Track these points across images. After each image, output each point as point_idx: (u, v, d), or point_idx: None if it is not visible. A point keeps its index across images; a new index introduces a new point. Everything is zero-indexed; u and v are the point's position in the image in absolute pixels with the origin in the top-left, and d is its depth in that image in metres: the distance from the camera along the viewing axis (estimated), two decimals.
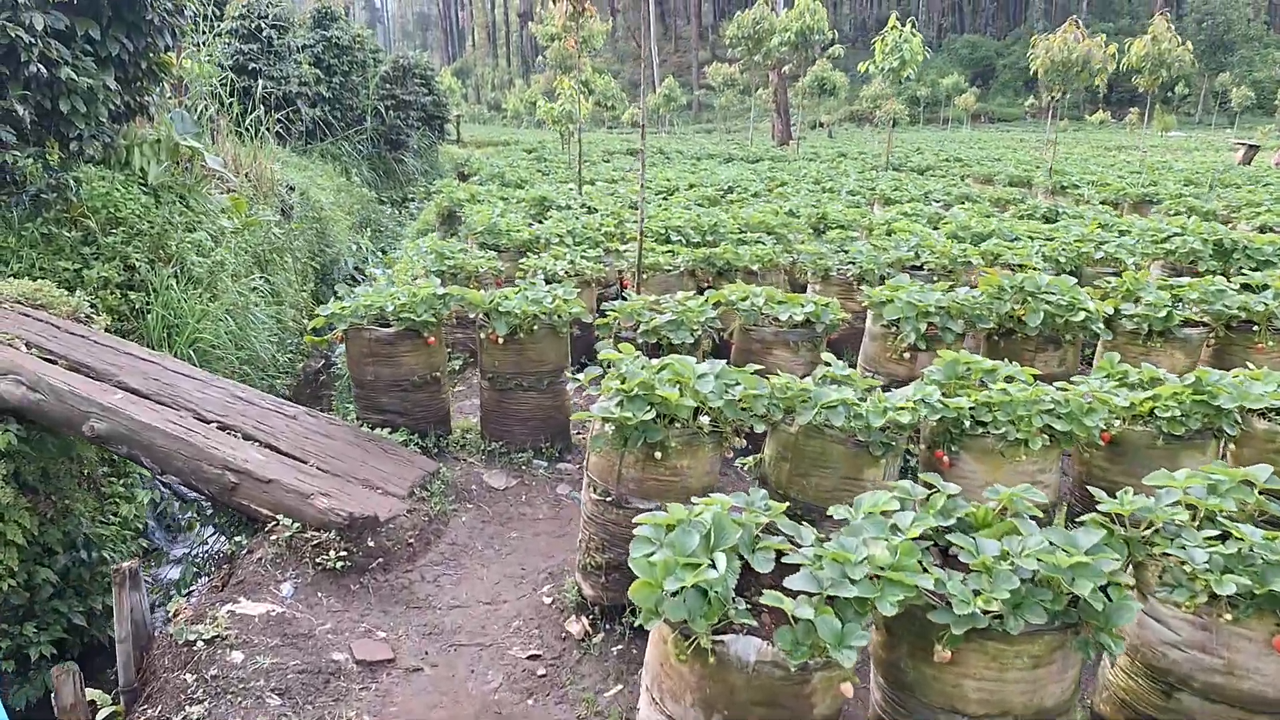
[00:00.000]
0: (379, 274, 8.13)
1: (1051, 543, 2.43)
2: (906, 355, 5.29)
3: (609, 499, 3.66)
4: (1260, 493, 2.85)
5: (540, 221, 10.34)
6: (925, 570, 2.33)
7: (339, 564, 4.11)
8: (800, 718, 2.31)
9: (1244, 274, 6.27)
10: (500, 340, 5.18)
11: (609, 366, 3.86)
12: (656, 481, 3.59)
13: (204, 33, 15.40)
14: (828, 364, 4.12)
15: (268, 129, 11.44)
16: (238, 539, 4.68)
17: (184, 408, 4.98)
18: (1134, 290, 5.87)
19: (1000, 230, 8.67)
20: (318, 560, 4.11)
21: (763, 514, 2.67)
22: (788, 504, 2.83)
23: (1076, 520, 2.84)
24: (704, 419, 3.60)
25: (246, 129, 11.25)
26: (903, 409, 3.68)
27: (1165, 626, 2.65)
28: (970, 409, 3.79)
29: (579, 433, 5.77)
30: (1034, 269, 7.26)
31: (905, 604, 2.27)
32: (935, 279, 7.10)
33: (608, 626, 3.80)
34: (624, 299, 5.55)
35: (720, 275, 7.26)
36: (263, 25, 15.55)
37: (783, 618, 2.29)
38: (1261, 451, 3.88)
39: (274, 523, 4.25)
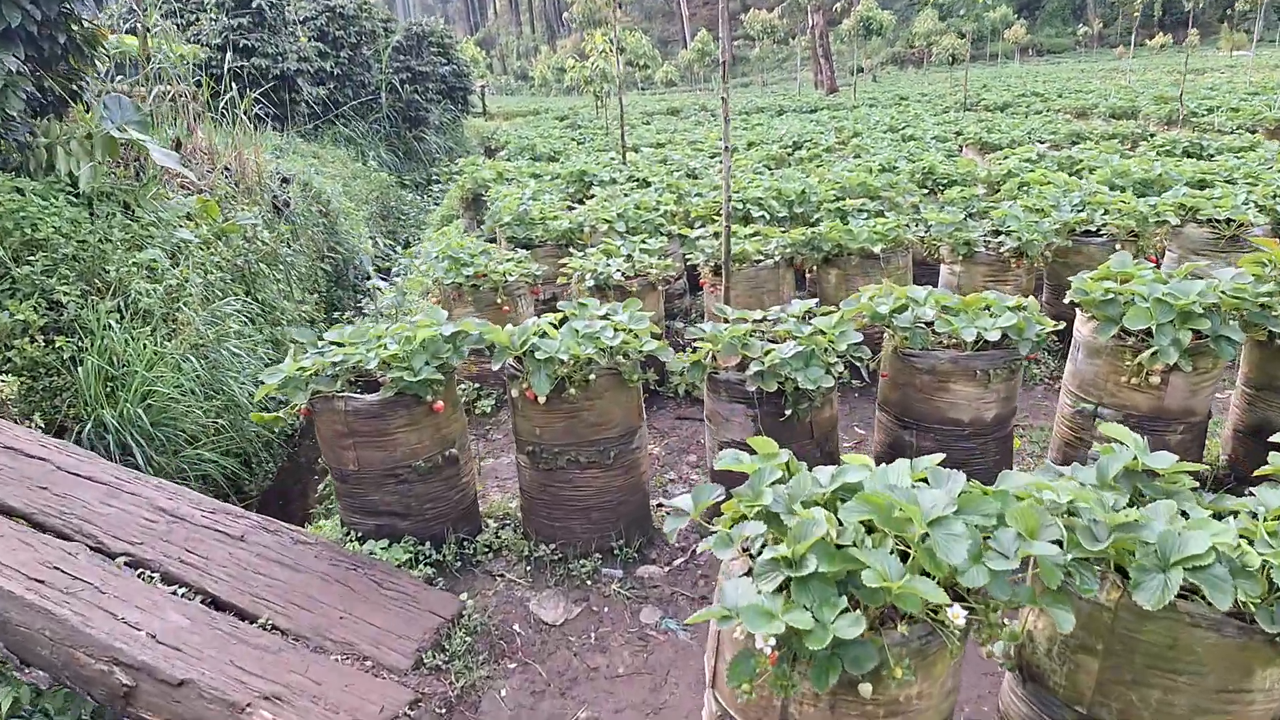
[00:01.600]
0: (383, 286, 6.40)
1: None
2: (1156, 379, 3.42)
3: None
4: None
5: (581, 201, 8.53)
6: None
7: None
8: None
9: None
10: (542, 399, 3.42)
11: (723, 493, 2.09)
12: None
13: (187, 8, 13.73)
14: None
15: (249, 112, 9.73)
16: None
17: (79, 533, 3.32)
18: None
19: (1168, 174, 6.65)
20: None
21: None
22: None
23: None
24: (942, 598, 1.80)
25: (223, 113, 9.55)
26: None
27: None
28: None
29: (663, 509, 4.03)
30: (1250, 223, 5.30)
31: None
32: (1118, 246, 5.18)
33: None
34: (702, 312, 3.75)
35: (828, 262, 5.40)
36: None
37: None
38: None
39: None
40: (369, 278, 10.76)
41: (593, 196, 8.49)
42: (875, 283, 5.29)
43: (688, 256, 5.75)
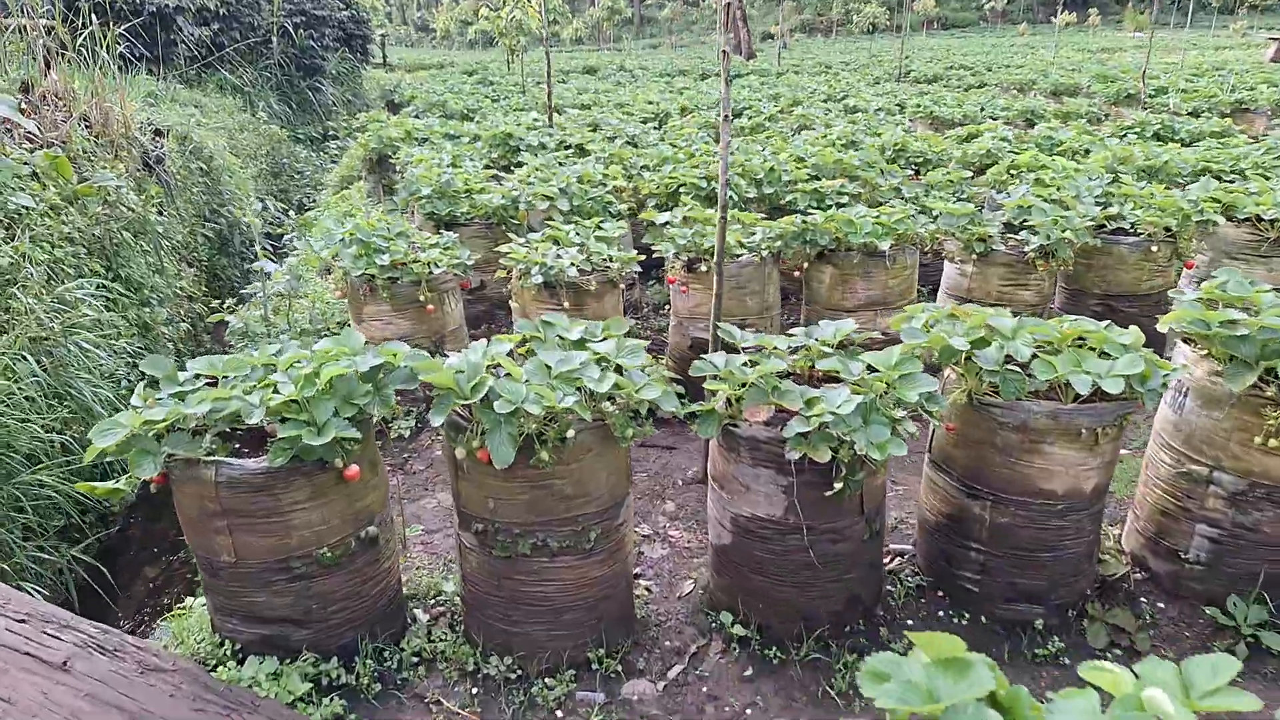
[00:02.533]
0: (272, 268, 5.23)
1: None
2: None
3: None
4: None
5: (507, 169, 7.44)
6: None
7: None
8: None
9: None
10: (503, 467, 2.44)
11: None
12: None
13: None
14: None
15: (112, 50, 8.19)
16: None
17: None
18: None
19: (1174, 163, 6.04)
20: None
21: None
22: None
23: None
24: None
25: (82, 52, 7.97)
26: None
27: None
28: None
29: (649, 604, 3.11)
30: None
31: None
32: (1153, 248, 4.50)
33: None
34: (657, 307, 2.85)
35: (822, 258, 4.54)
36: None
37: None
38: None
39: None
40: (254, 244, 9.33)
41: (520, 164, 7.41)
42: (877, 284, 4.46)
43: (652, 245, 4.78)
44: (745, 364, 2.73)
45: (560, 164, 6.70)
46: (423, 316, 4.41)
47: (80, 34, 8.08)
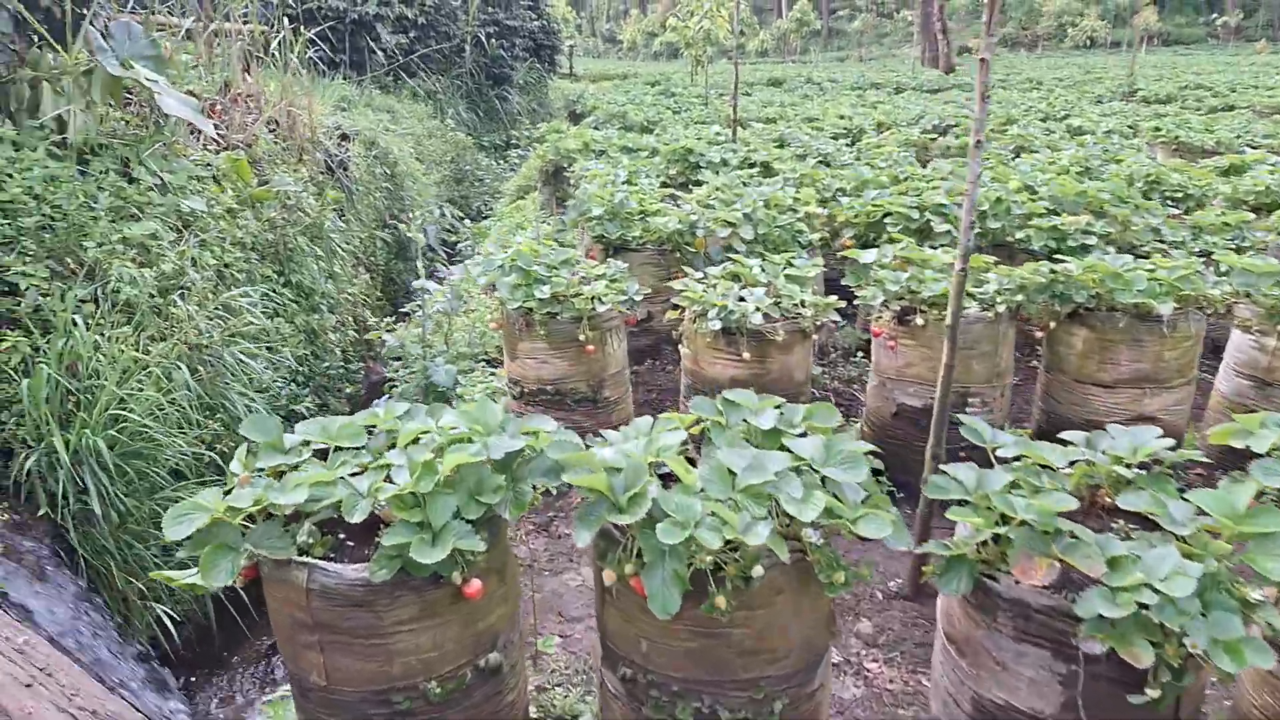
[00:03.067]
0: (433, 287, 4.85)
1: None
2: None
3: None
4: None
5: (684, 187, 6.84)
6: None
7: None
8: None
9: None
10: (665, 617, 1.79)
11: None
12: None
13: None
14: None
15: (302, 56, 8.24)
16: None
17: None
18: None
19: None
20: None
21: None
22: None
23: None
24: None
25: (275, 56, 8.05)
26: None
27: None
28: None
29: None
30: None
31: None
32: None
33: None
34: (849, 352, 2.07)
35: (1074, 318, 3.62)
36: None
37: None
38: None
39: None
40: (429, 250, 9.15)
41: (699, 182, 6.79)
42: (1147, 356, 3.51)
43: (853, 288, 4.01)
44: (1009, 487, 1.95)
45: (744, 184, 6.03)
46: (581, 356, 3.86)
47: (283, 40, 8.16)
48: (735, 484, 1.93)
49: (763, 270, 3.86)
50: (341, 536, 2.12)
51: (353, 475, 2.06)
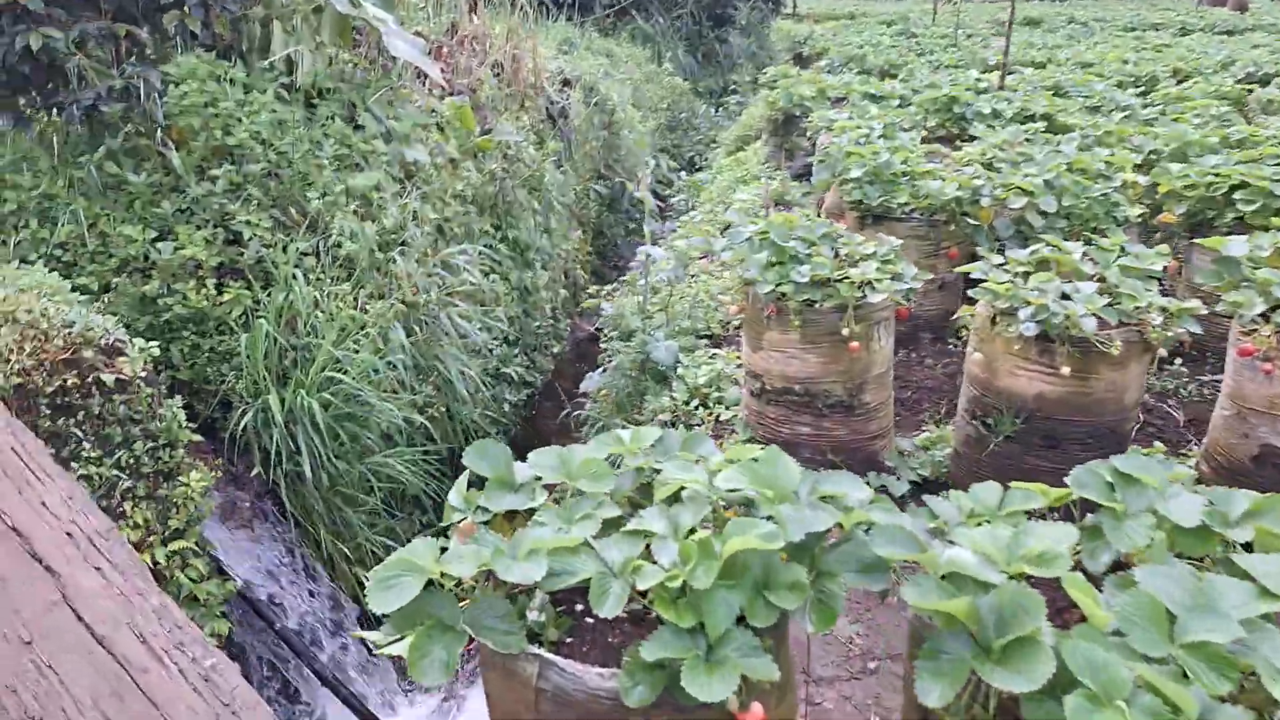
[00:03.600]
0: (657, 254, 4.32)
1: None
2: None
3: None
4: None
5: (948, 143, 5.90)
6: None
7: None
8: None
9: None
10: None
11: None
12: None
13: None
14: None
15: None
16: None
17: None
18: None
19: None
20: None
21: None
22: None
23: None
24: None
25: None
26: None
27: None
28: None
29: None
30: None
31: None
32: None
33: None
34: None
35: None
36: None
37: None
38: None
39: None
40: (639, 204, 8.65)
41: (968, 138, 5.82)
42: None
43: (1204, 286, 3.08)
44: None
45: (1028, 140, 5.05)
46: (841, 354, 3.19)
47: None
48: (1172, 633, 1.24)
49: (1090, 259, 3.01)
50: (579, 608, 1.62)
51: (597, 536, 1.55)
